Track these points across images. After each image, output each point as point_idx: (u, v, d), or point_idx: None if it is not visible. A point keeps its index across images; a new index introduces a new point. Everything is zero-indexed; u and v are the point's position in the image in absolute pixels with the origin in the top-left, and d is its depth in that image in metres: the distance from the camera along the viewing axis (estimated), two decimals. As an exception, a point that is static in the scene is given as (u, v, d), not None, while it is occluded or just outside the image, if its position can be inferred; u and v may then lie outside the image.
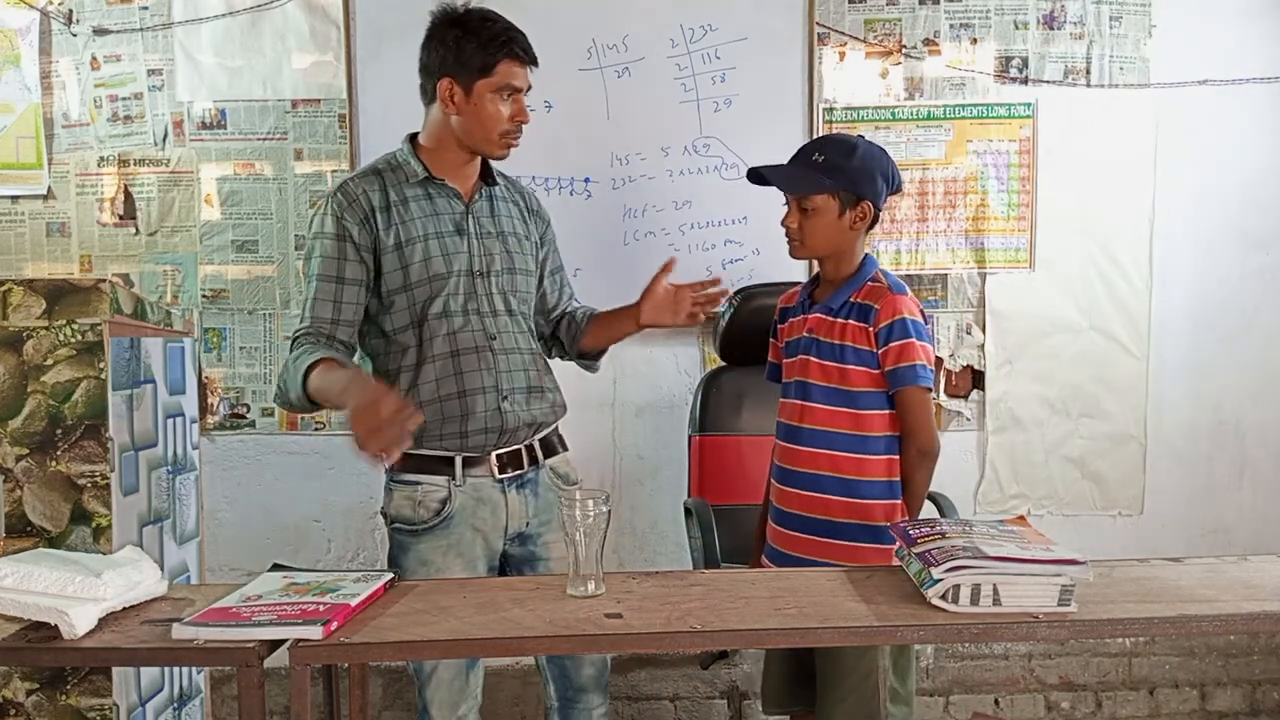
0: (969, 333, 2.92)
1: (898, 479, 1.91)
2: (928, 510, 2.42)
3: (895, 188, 1.96)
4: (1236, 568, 1.59)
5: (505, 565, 2.01)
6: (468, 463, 1.91)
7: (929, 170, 2.87)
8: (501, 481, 1.94)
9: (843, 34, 2.85)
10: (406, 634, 1.35)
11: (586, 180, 2.82)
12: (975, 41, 2.87)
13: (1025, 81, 2.87)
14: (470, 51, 1.87)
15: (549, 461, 2.01)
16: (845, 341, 1.90)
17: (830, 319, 1.93)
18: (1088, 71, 2.88)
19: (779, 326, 2.10)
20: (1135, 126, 2.88)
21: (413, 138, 1.99)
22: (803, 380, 1.95)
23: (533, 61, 1.92)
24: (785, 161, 1.97)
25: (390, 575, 1.56)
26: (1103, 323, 2.93)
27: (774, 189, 1.98)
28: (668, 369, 2.91)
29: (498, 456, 1.93)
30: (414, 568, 1.90)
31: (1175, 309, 2.94)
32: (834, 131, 1.99)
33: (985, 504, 2.94)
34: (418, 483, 1.91)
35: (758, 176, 1.98)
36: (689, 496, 2.59)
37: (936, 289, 2.91)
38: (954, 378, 2.92)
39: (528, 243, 2.04)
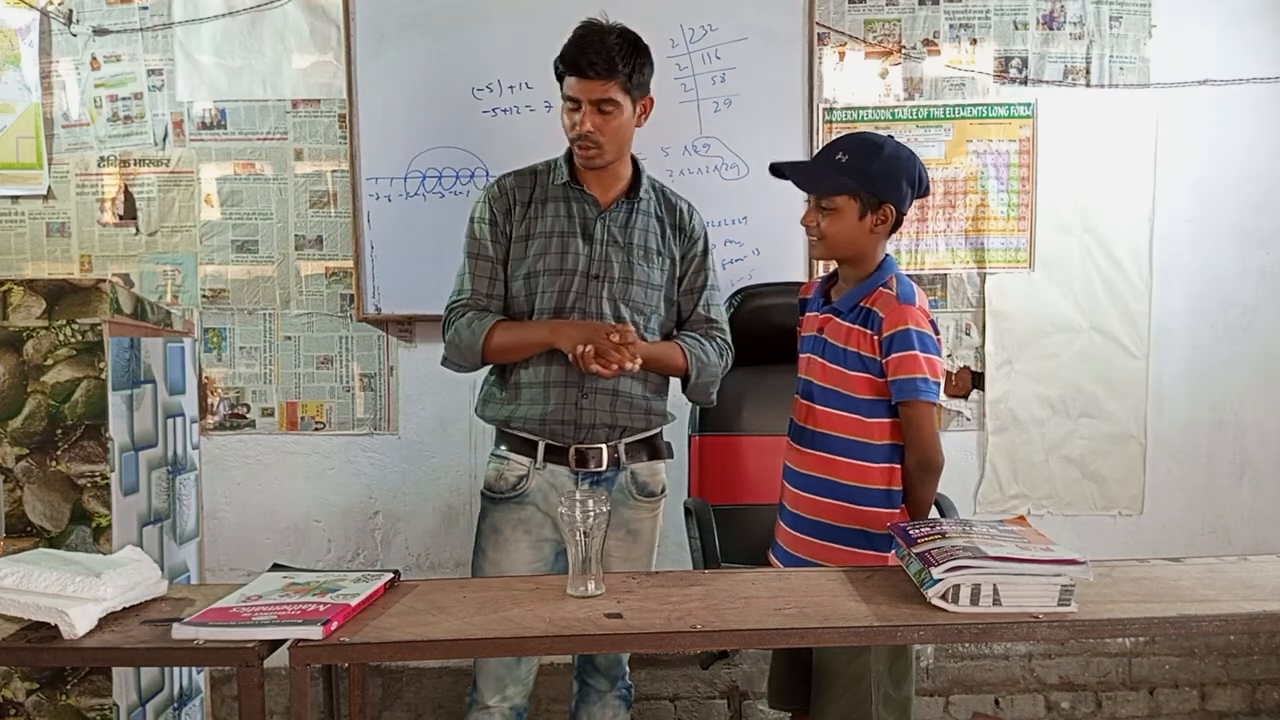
0: (968, 333, 2.92)
1: (898, 488, 1.88)
2: (928, 510, 2.42)
3: (923, 191, 1.93)
4: (1236, 568, 1.59)
5: None
6: (551, 450, 2.04)
7: (929, 170, 2.86)
8: (577, 474, 2.04)
9: (843, 34, 2.85)
10: (406, 634, 1.35)
11: (586, 180, 2.82)
12: (975, 42, 2.87)
13: (1025, 82, 2.87)
14: (557, 65, 2.02)
15: (634, 466, 2.09)
16: (850, 346, 1.87)
17: (839, 321, 1.91)
18: (1087, 71, 2.88)
19: (800, 317, 2.09)
20: (1135, 126, 2.88)
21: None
22: (809, 380, 1.94)
23: (585, 75, 1.97)
24: (807, 159, 1.94)
25: (390, 575, 1.56)
26: (1103, 323, 2.93)
27: (785, 188, 1.96)
28: (668, 369, 2.91)
29: (577, 451, 2.03)
30: (486, 532, 2.08)
31: (1175, 309, 2.94)
32: (862, 131, 1.95)
33: (985, 504, 2.94)
34: (506, 457, 2.08)
35: (779, 171, 1.97)
36: (689, 496, 2.59)
37: (936, 289, 2.91)
38: (954, 377, 2.92)
39: (659, 257, 2.10)
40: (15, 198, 2.83)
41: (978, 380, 2.93)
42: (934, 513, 2.37)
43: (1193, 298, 2.95)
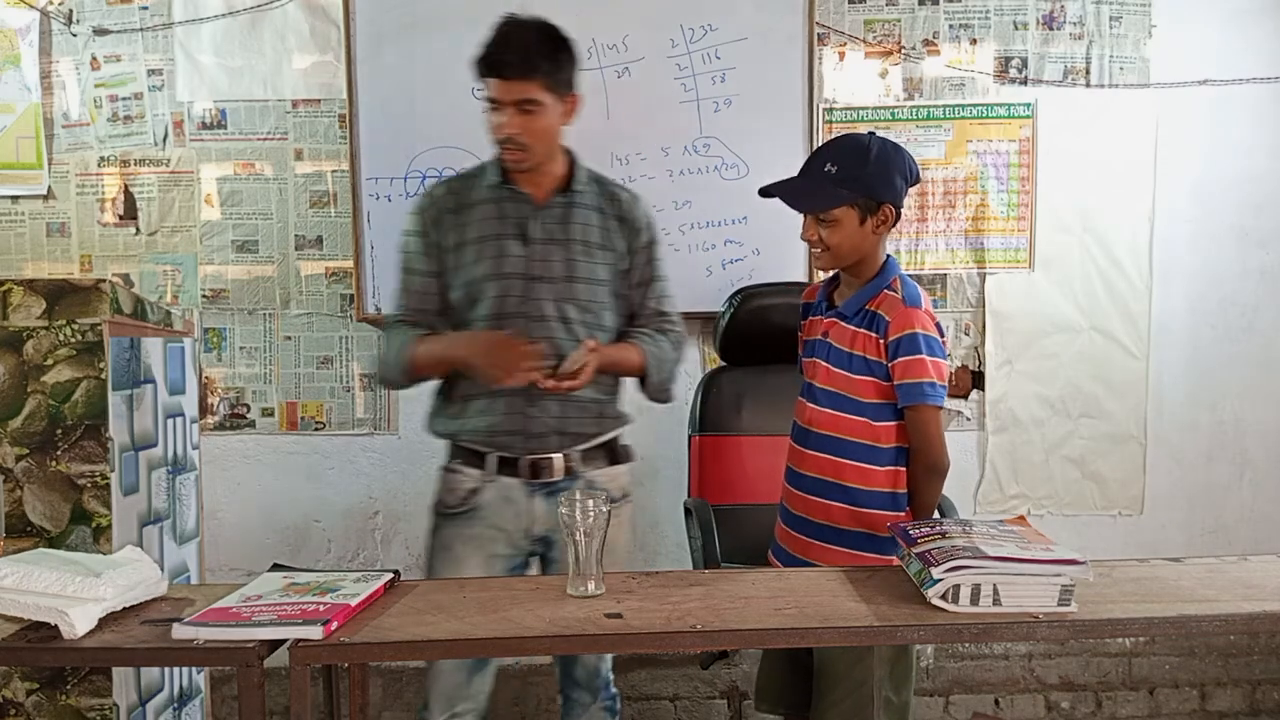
0: (967, 333, 2.92)
1: (903, 491, 1.87)
2: (928, 510, 2.42)
3: (914, 181, 1.89)
4: (1236, 568, 1.59)
5: (540, 564, 2.05)
6: (502, 462, 1.96)
7: (929, 170, 2.87)
8: (531, 485, 1.96)
9: (843, 34, 2.85)
10: (406, 634, 1.35)
11: (586, 180, 2.82)
12: (975, 42, 2.87)
13: (1025, 82, 2.87)
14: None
15: (591, 474, 2.00)
16: (855, 350, 1.85)
17: (844, 325, 1.88)
18: (1087, 72, 2.88)
19: (802, 322, 2.05)
20: (1135, 126, 2.88)
21: None
22: (814, 384, 1.92)
23: (503, 75, 1.87)
24: (795, 172, 1.89)
25: (390, 575, 1.56)
26: (1103, 323, 2.93)
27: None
28: (668, 369, 2.91)
29: (530, 461, 1.95)
30: (437, 549, 1.99)
31: (1175, 309, 2.94)
32: (843, 133, 1.91)
33: (985, 504, 2.94)
34: (456, 470, 2.00)
35: (768, 193, 1.91)
36: (689, 496, 2.59)
37: (936, 289, 2.91)
38: (954, 378, 2.92)
39: (601, 252, 2.00)
40: (15, 198, 2.84)
41: (977, 380, 2.93)
42: (934, 513, 2.38)
43: (1193, 298, 2.95)
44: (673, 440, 2.82)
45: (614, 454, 2.06)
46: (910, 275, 2.82)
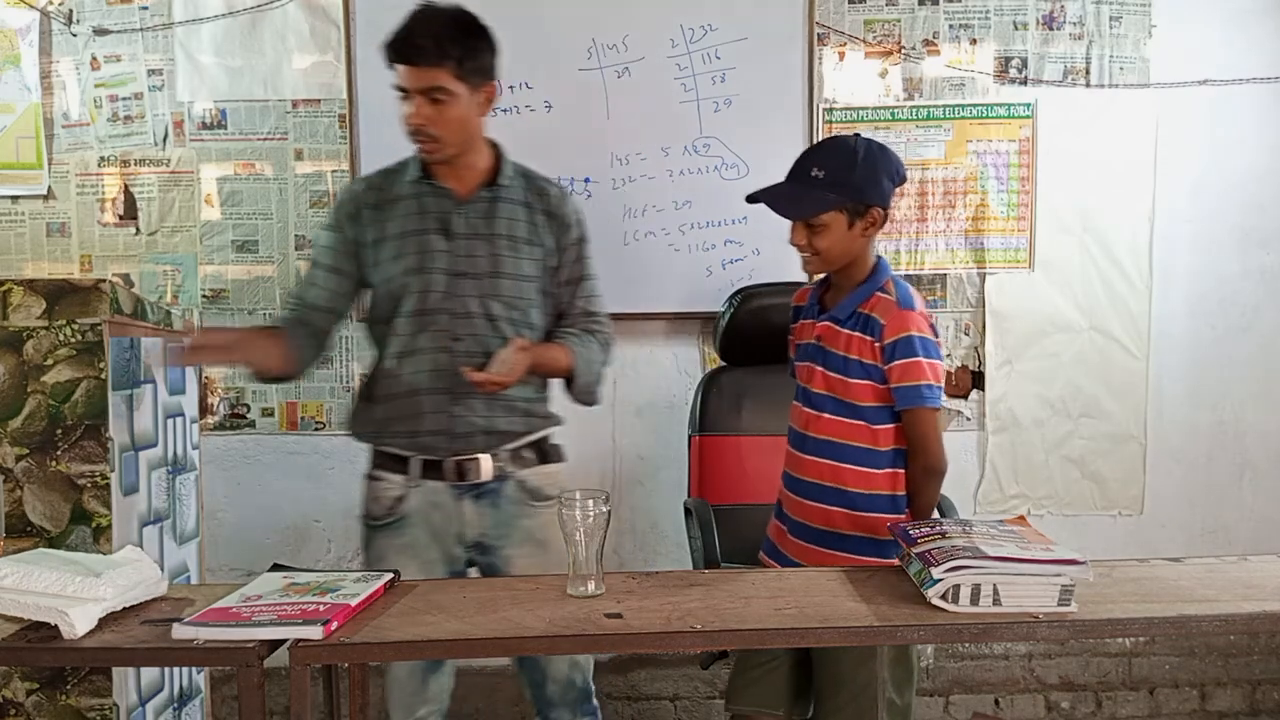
0: (967, 333, 2.92)
1: (902, 493, 1.86)
2: (928, 510, 2.42)
3: (901, 181, 1.88)
4: (1236, 568, 1.59)
5: (480, 574, 2.00)
6: (427, 465, 1.90)
7: (929, 170, 2.87)
8: (458, 488, 1.91)
9: (842, 34, 2.85)
10: (406, 634, 1.35)
11: (586, 180, 2.82)
12: (975, 42, 2.87)
13: (1025, 82, 2.87)
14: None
15: (522, 474, 1.95)
16: (850, 354, 1.83)
17: (837, 329, 1.86)
18: (1087, 72, 2.88)
19: (792, 325, 2.03)
20: (1135, 126, 2.89)
21: None
22: (810, 389, 1.90)
23: (411, 61, 1.82)
24: (783, 177, 1.87)
25: (390, 575, 1.56)
26: (1103, 323, 2.93)
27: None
28: (668, 369, 2.91)
29: (455, 463, 1.90)
30: (372, 562, 1.93)
31: (1175, 309, 2.94)
32: (830, 135, 1.88)
33: (985, 504, 2.94)
34: (379, 478, 1.94)
35: (756, 200, 1.89)
36: (689, 496, 2.59)
37: (936, 289, 2.91)
38: (954, 377, 2.92)
39: (528, 247, 1.95)
40: (15, 198, 2.84)
41: (977, 380, 2.93)
42: (934, 513, 2.38)
43: (1193, 298, 2.95)
44: (672, 440, 2.83)
45: (544, 453, 1.99)
46: (910, 275, 2.87)
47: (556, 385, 2.03)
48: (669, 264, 2.83)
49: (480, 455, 1.91)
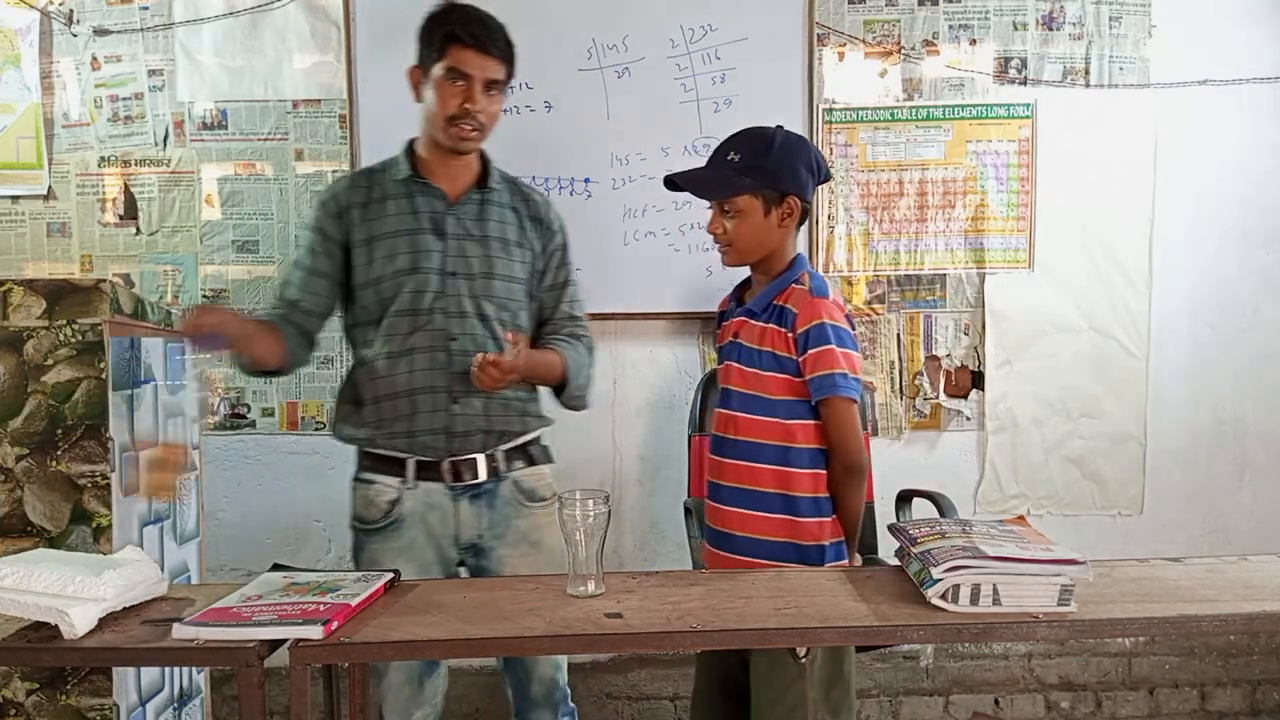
0: (967, 333, 2.93)
1: (825, 494, 1.79)
2: (928, 510, 2.42)
3: (823, 178, 1.85)
4: (1236, 568, 1.59)
5: (465, 573, 2.00)
6: (422, 466, 1.90)
7: (928, 170, 2.87)
8: (454, 489, 1.91)
9: (842, 34, 2.85)
10: (406, 634, 1.35)
11: (586, 180, 2.82)
12: (974, 42, 2.87)
13: (1024, 82, 2.87)
14: (429, 36, 1.89)
15: (515, 474, 1.96)
16: (765, 347, 1.80)
17: (753, 323, 1.83)
18: (1087, 72, 2.88)
19: (716, 331, 2.00)
20: (1135, 127, 2.89)
21: (412, 141, 2.00)
22: (729, 388, 1.86)
23: (486, 50, 1.86)
24: (702, 166, 1.86)
25: (390, 575, 1.56)
26: (1102, 323, 2.93)
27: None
28: (668, 369, 2.92)
29: (452, 464, 1.90)
30: (365, 567, 1.92)
31: (1175, 309, 2.94)
32: (749, 126, 1.88)
33: (985, 504, 2.94)
34: (371, 481, 1.94)
35: (673, 184, 1.87)
36: (689, 496, 2.59)
37: (935, 289, 2.91)
38: (953, 377, 2.92)
39: (518, 250, 1.97)
40: (15, 198, 2.84)
41: (976, 380, 2.93)
42: (934, 513, 2.38)
43: (1193, 298, 2.95)
44: (672, 440, 2.83)
45: (533, 456, 2.00)
46: (910, 275, 2.88)
47: (545, 390, 2.04)
48: (669, 264, 2.83)
49: (476, 455, 1.91)
